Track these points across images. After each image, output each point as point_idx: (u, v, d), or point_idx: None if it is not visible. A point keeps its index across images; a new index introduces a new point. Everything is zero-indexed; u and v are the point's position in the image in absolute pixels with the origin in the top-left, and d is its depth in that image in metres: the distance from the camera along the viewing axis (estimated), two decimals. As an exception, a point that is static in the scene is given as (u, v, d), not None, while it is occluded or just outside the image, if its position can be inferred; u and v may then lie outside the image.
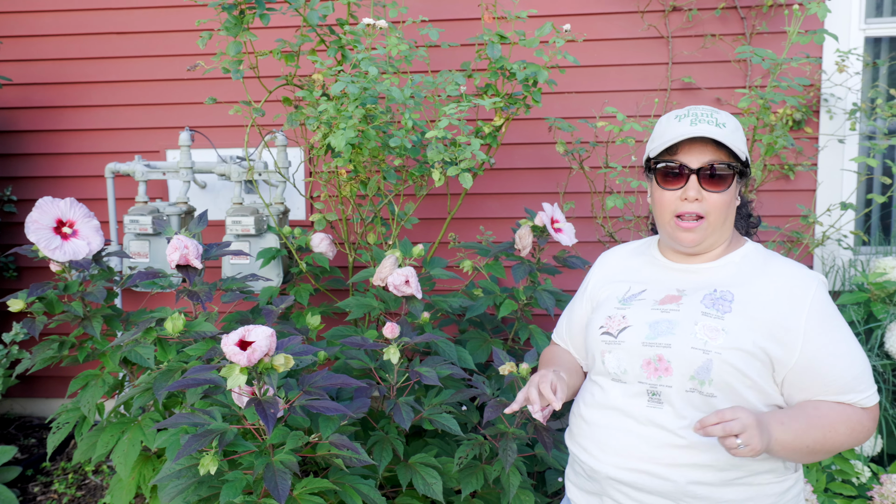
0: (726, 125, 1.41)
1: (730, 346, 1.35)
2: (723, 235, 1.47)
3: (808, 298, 1.37)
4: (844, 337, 1.38)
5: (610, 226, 3.36)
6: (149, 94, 3.57)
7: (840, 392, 1.35)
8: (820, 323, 1.36)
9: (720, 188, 1.42)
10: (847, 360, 1.36)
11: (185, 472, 1.72)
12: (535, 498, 2.14)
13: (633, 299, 1.51)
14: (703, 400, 1.36)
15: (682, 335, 1.38)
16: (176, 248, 1.97)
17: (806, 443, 1.31)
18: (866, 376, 1.37)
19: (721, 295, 1.41)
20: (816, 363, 1.35)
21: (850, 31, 3.26)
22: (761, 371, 1.36)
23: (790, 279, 1.40)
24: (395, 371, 2.12)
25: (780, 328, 1.35)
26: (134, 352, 2.11)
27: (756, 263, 1.46)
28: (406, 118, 2.44)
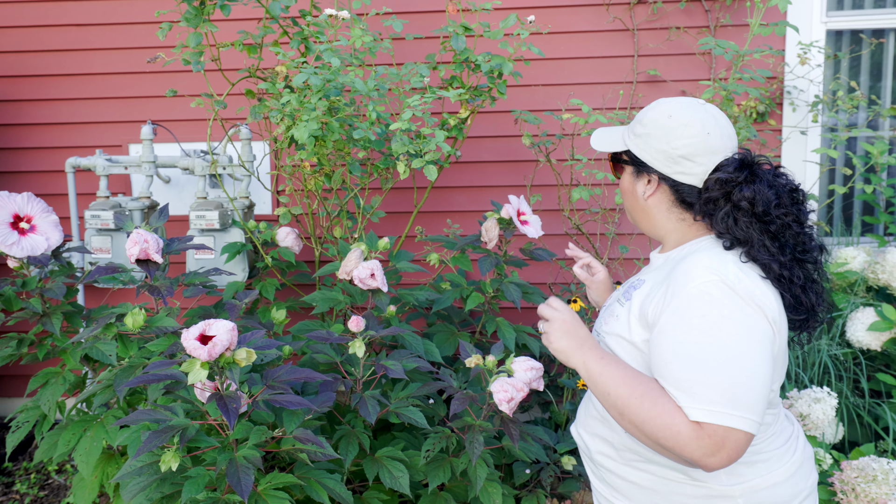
0: (634, 118, 1.49)
1: (613, 331, 1.42)
2: (650, 226, 1.51)
3: (683, 291, 1.28)
4: (701, 340, 1.23)
5: (577, 218, 3.38)
6: (109, 87, 3.51)
7: (662, 377, 1.26)
8: (680, 315, 1.26)
9: (616, 178, 1.56)
10: (685, 360, 1.23)
11: (146, 470, 1.70)
12: (503, 490, 2.14)
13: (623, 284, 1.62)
14: None
15: (601, 318, 1.53)
16: (136, 243, 1.94)
17: (608, 389, 1.29)
18: (705, 390, 1.20)
19: (635, 283, 1.46)
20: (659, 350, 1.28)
21: (812, 24, 3.31)
22: (640, 360, 1.36)
23: (681, 272, 1.31)
24: (361, 365, 2.11)
25: (650, 317, 1.33)
26: (95, 348, 2.07)
27: (679, 257, 1.41)
28: (370, 110, 2.43)
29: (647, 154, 1.44)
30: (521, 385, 1.88)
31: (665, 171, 1.42)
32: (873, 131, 3.31)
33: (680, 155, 1.39)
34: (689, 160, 1.39)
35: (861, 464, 2.37)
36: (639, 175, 1.48)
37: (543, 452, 2.26)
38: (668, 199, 1.45)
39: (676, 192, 1.43)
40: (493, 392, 1.88)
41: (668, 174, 1.42)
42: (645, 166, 1.45)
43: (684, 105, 1.42)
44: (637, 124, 1.46)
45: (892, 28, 3.40)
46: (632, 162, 1.48)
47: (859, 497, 2.32)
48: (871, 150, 2.96)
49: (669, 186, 1.43)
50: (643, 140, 1.44)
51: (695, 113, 1.40)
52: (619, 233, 3.40)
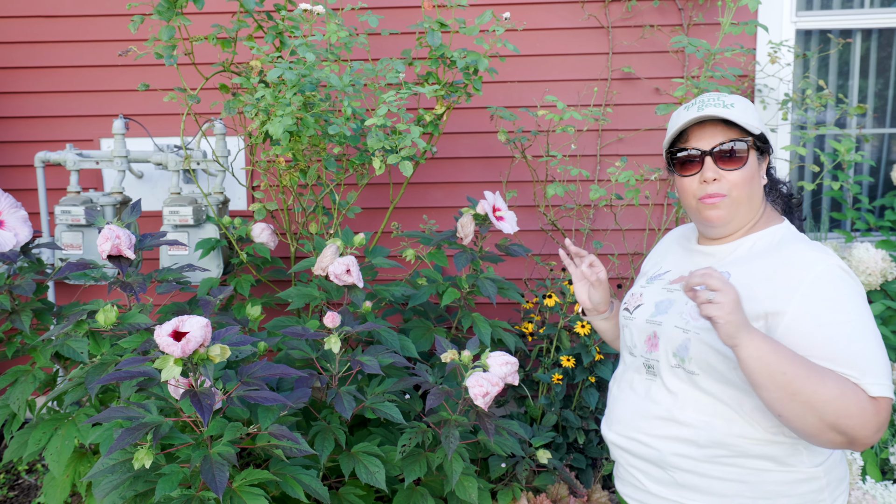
0: (734, 105, 1.42)
1: (709, 326, 1.34)
2: (749, 215, 1.45)
3: (809, 276, 1.29)
4: (850, 316, 1.25)
5: (552, 214, 3.40)
6: (80, 80, 3.45)
7: (833, 360, 1.23)
8: (819, 296, 1.27)
9: (736, 165, 1.42)
10: (848, 335, 1.24)
11: (119, 468, 1.68)
12: (479, 483, 2.16)
13: (655, 279, 1.58)
14: (687, 376, 1.39)
15: (673, 314, 1.45)
16: (107, 238, 1.92)
17: (784, 367, 1.20)
18: (873, 363, 1.22)
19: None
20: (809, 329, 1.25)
21: (783, 24, 3.36)
22: None
23: (795, 258, 1.33)
24: (337, 361, 2.11)
25: (769, 307, 1.30)
26: (66, 345, 2.05)
27: (769, 245, 1.42)
28: (346, 106, 2.42)
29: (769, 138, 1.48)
30: (496, 380, 1.89)
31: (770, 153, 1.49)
32: (841, 129, 3.38)
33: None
34: None
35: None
36: (762, 157, 1.48)
37: (519, 446, 2.28)
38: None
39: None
40: (468, 387, 1.89)
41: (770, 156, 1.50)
42: (768, 148, 1.48)
43: None
44: (755, 112, 1.46)
45: (859, 28, 3.46)
46: (763, 146, 1.47)
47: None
48: (838, 148, 3.02)
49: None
50: (763, 126, 1.46)
51: None
52: (593, 228, 3.43)
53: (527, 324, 3.01)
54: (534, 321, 3.03)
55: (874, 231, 3.36)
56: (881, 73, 3.50)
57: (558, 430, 2.88)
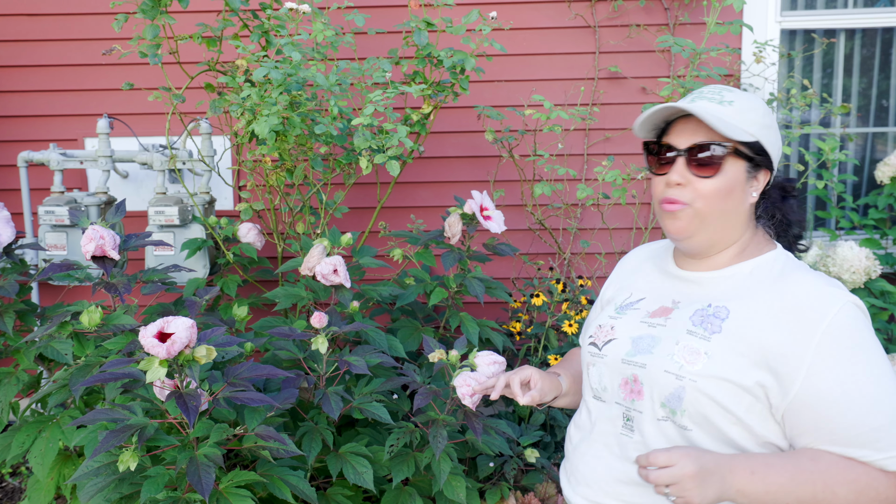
0: (734, 103, 1.21)
1: (708, 373, 1.14)
2: (725, 236, 1.25)
3: (823, 322, 1.10)
4: (870, 376, 1.08)
5: (540, 213, 3.41)
6: (63, 79, 3.42)
7: (849, 444, 1.08)
8: (834, 354, 1.09)
9: (709, 173, 1.20)
10: (866, 405, 1.07)
11: (104, 470, 1.67)
12: (467, 483, 2.16)
13: (627, 308, 1.35)
14: (678, 432, 1.18)
15: (659, 355, 1.21)
16: (91, 239, 1.90)
17: (786, 501, 1.07)
18: (893, 431, 1.06)
19: (714, 311, 1.21)
20: (821, 403, 1.09)
21: (767, 24, 3.38)
22: (752, 406, 1.14)
23: (805, 297, 1.13)
24: (325, 361, 2.10)
25: (778, 356, 1.11)
26: (50, 347, 2.03)
27: (769, 275, 1.21)
28: (332, 105, 2.41)
29: (773, 150, 1.24)
30: (484, 379, 1.89)
31: (776, 168, 1.26)
32: (825, 128, 3.40)
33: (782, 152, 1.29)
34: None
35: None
36: (755, 172, 1.24)
37: (507, 446, 2.28)
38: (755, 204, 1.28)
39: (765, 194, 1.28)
40: (456, 386, 1.89)
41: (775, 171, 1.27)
42: (766, 163, 1.24)
43: None
44: (760, 113, 1.23)
45: (843, 28, 3.49)
46: (752, 156, 1.22)
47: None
48: (822, 147, 3.04)
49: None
50: (771, 133, 1.23)
51: None
52: (580, 228, 3.44)
53: (515, 323, 3.02)
54: (522, 320, 3.03)
55: (858, 229, 3.39)
56: (865, 72, 3.53)
57: (546, 429, 2.89)
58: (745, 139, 1.20)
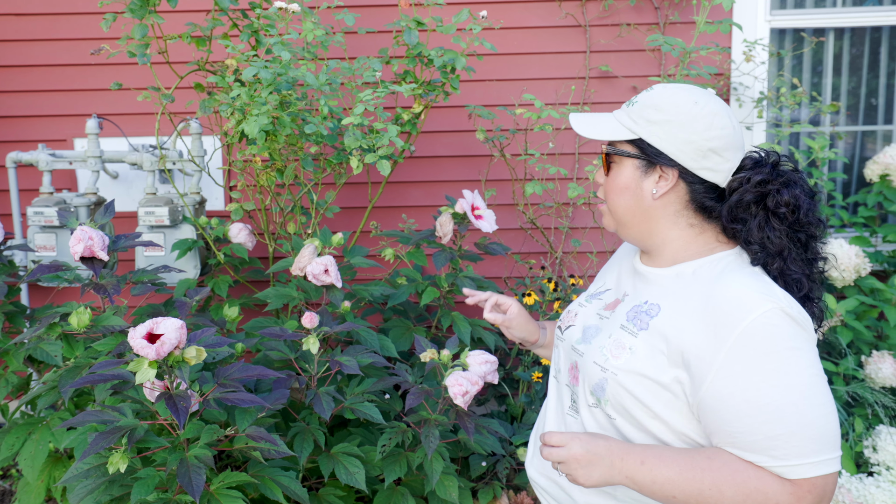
0: (635, 102, 1.25)
1: (629, 367, 1.19)
2: (648, 232, 1.27)
3: (738, 327, 1.09)
4: (775, 386, 1.07)
5: (531, 212, 3.41)
6: (52, 79, 3.40)
7: (745, 448, 1.09)
8: (742, 360, 1.09)
9: (607, 173, 1.31)
10: (767, 413, 1.07)
11: (94, 472, 1.66)
12: (459, 483, 2.15)
13: (594, 298, 1.41)
14: (605, 419, 1.25)
15: (595, 346, 1.28)
16: (80, 240, 1.89)
17: (672, 493, 1.11)
18: (796, 441, 1.06)
19: (647, 308, 1.23)
20: (721, 406, 1.10)
21: (757, 23, 3.39)
22: (670, 402, 1.17)
23: (728, 300, 1.12)
24: (316, 361, 2.09)
25: (694, 357, 1.13)
26: (39, 349, 2.01)
27: (709, 276, 1.19)
28: (322, 105, 2.41)
29: (669, 144, 1.21)
30: (475, 378, 1.89)
31: (690, 165, 1.20)
32: (815, 127, 3.42)
33: (710, 148, 1.19)
34: (718, 155, 1.20)
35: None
36: (649, 169, 1.24)
37: (499, 445, 2.28)
38: (682, 199, 1.24)
39: (694, 192, 1.23)
40: (448, 386, 1.89)
41: (692, 169, 1.21)
42: (661, 159, 1.22)
43: (701, 91, 1.24)
44: (650, 109, 1.23)
45: (832, 27, 3.51)
46: (641, 153, 1.24)
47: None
48: (812, 146, 3.06)
49: (687, 185, 1.23)
50: (662, 128, 1.21)
51: (718, 101, 1.23)
52: (572, 227, 3.44)
53: (506, 322, 3.01)
54: (513, 319, 3.03)
55: (848, 227, 3.41)
56: (854, 71, 3.55)
57: (538, 428, 2.89)
58: (621, 138, 1.25)
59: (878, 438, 2.59)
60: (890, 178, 3.12)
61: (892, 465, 2.53)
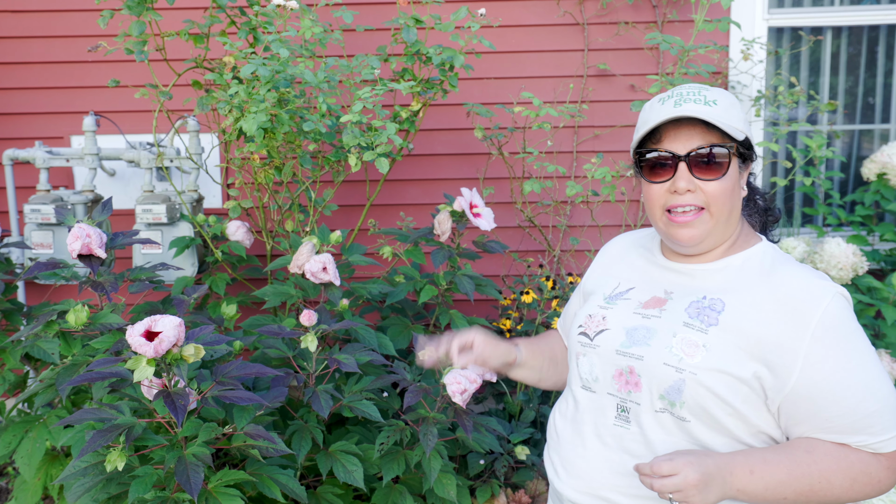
0: (717, 102, 1.22)
1: (708, 365, 1.16)
2: (727, 232, 1.26)
3: (816, 314, 1.13)
4: (862, 364, 1.12)
5: (529, 210, 3.41)
6: (49, 76, 3.39)
7: (845, 431, 1.12)
8: (828, 345, 1.12)
9: (716, 175, 1.21)
10: (860, 392, 1.11)
11: (91, 470, 1.65)
12: (457, 481, 2.15)
13: (618, 298, 1.35)
14: (676, 423, 1.19)
15: (657, 347, 1.21)
16: (77, 237, 1.88)
17: (784, 494, 1.11)
18: (887, 415, 1.11)
19: (710, 303, 1.21)
20: (818, 393, 1.12)
21: (755, 21, 3.39)
22: (748, 397, 1.16)
23: (797, 290, 1.16)
24: (314, 359, 2.09)
25: (775, 348, 1.13)
26: (36, 346, 2.01)
27: (761, 268, 1.22)
28: (321, 102, 2.40)
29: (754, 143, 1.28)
30: (474, 377, 1.89)
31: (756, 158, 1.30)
32: (812, 126, 3.42)
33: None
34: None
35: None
36: (744, 166, 1.27)
37: (497, 443, 2.28)
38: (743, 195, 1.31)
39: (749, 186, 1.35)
40: (446, 384, 1.89)
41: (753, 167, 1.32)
42: (752, 155, 1.27)
43: None
44: (736, 108, 1.24)
45: (830, 26, 3.51)
46: (743, 151, 1.25)
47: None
48: (810, 144, 3.06)
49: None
50: (740, 122, 1.24)
51: None
52: (570, 225, 3.44)
53: (504, 320, 3.01)
54: (511, 317, 3.03)
55: (845, 226, 3.41)
56: (851, 70, 3.56)
57: (536, 426, 2.89)
58: (740, 137, 1.22)
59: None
60: (887, 176, 3.13)
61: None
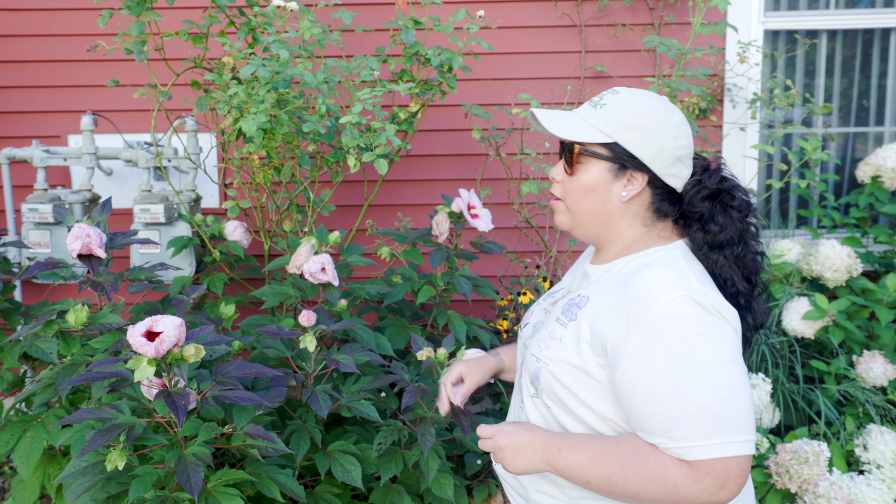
0: (606, 105, 1.26)
1: (557, 357, 1.25)
2: (605, 232, 1.31)
3: (648, 313, 1.14)
4: (678, 369, 1.11)
5: (526, 211, 3.42)
6: (47, 75, 3.39)
7: (647, 431, 1.14)
8: (649, 344, 1.13)
9: (569, 171, 1.30)
10: (666, 395, 1.10)
11: (91, 469, 1.66)
12: (455, 480, 2.16)
13: (549, 296, 1.46)
14: (546, 409, 1.30)
15: (536, 340, 1.34)
16: (77, 237, 1.88)
17: (586, 479, 1.17)
18: (690, 422, 1.09)
19: (578, 300, 1.28)
20: (630, 390, 1.14)
21: (751, 24, 3.41)
22: (596, 389, 1.22)
23: (640, 289, 1.16)
24: (313, 359, 2.10)
25: (608, 342, 1.18)
26: (35, 346, 2.01)
27: (631, 269, 1.25)
28: (320, 103, 2.41)
29: (644, 150, 1.24)
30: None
31: (660, 171, 1.26)
32: (807, 128, 3.44)
33: (677, 156, 1.26)
34: (682, 162, 1.27)
35: (794, 446, 2.47)
36: (620, 173, 1.27)
37: (494, 443, 2.29)
38: (645, 203, 1.29)
39: (656, 196, 1.29)
40: (444, 384, 1.90)
41: (661, 175, 1.26)
42: (633, 163, 1.26)
43: (665, 99, 1.29)
44: (625, 114, 1.25)
45: (825, 29, 3.53)
46: (615, 157, 1.26)
47: (792, 478, 2.43)
48: (805, 147, 3.08)
49: (652, 190, 1.28)
50: (638, 134, 1.24)
51: (677, 110, 1.29)
52: (566, 226, 3.45)
53: (502, 321, 3.03)
54: (509, 318, 3.04)
55: (840, 228, 3.44)
56: (846, 73, 3.58)
57: (533, 426, 2.90)
58: (595, 140, 1.26)
59: (869, 437, 2.62)
60: (881, 179, 3.15)
61: (883, 463, 2.55)
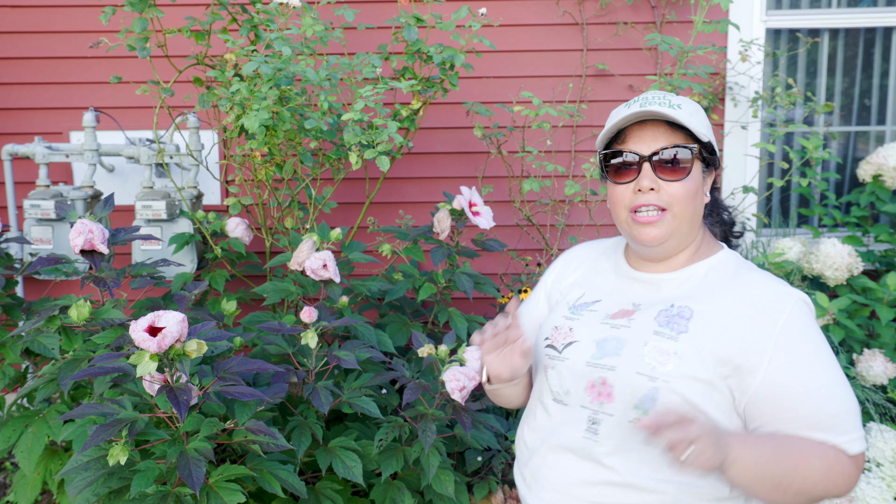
0: (682, 106, 1.25)
1: (681, 373, 1.17)
2: (689, 237, 1.29)
3: (780, 319, 1.16)
4: (824, 368, 1.16)
5: (527, 209, 3.43)
6: (49, 72, 3.39)
7: (812, 428, 1.14)
8: (791, 348, 1.16)
9: (679, 175, 1.23)
10: (823, 394, 1.14)
11: (93, 464, 1.66)
12: (455, 477, 2.17)
13: (583, 308, 1.34)
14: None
15: (629, 357, 1.21)
16: (80, 233, 1.89)
17: (773, 470, 1.09)
18: (850, 417, 1.15)
19: (678, 311, 1.23)
20: (781, 394, 1.15)
21: (753, 23, 3.41)
22: (719, 403, 1.18)
23: (762, 295, 1.19)
24: (314, 356, 2.10)
25: (741, 351, 1.16)
26: (36, 341, 2.02)
27: (724, 275, 1.26)
28: (322, 100, 2.41)
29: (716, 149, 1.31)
30: (472, 374, 1.91)
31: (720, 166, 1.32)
32: (809, 127, 3.44)
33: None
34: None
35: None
36: (707, 172, 1.30)
37: (495, 440, 2.29)
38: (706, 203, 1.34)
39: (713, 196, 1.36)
40: (445, 381, 1.91)
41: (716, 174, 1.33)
42: (715, 162, 1.31)
43: None
44: (703, 116, 1.29)
45: (827, 28, 3.53)
46: (711, 157, 1.30)
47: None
48: (806, 145, 3.08)
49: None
50: (703, 126, 1.28)
51: None
52: (568, 224, 3.46)
53: (502, 318, 3.03)
54: (509, 316, 3.04)
55: (840, 227, 3.44)
56: (847, 72, 3.58)
57: (533, 424, 2.91)
58: (704, 139, 1.27)
59: (869, 436, 2.62)
60: (882, 178, 3.15)
61: (883, 462, 2.56)
